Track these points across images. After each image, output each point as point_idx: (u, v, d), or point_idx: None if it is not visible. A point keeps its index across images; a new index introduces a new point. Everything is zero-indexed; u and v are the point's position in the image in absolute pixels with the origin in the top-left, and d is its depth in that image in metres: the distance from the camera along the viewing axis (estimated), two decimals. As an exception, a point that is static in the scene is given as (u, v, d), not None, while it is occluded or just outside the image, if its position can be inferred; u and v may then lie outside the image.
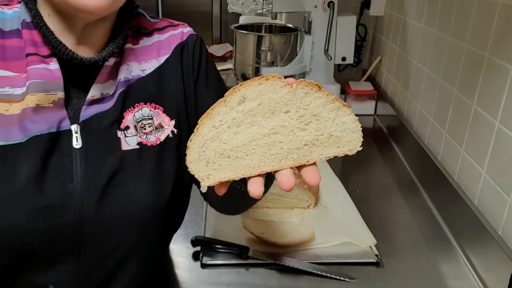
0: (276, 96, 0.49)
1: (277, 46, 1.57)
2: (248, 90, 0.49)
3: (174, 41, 0.72)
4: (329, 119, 0.51)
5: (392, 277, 0.87)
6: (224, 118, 0.49)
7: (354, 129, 0.52)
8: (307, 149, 0.50)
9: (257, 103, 0.49)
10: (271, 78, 0.49)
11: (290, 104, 0.50)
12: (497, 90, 0.88)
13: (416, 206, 1.11)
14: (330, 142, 0.51)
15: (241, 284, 0.84)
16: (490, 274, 0.84)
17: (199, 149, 0.49)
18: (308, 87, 0.51)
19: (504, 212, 0.84)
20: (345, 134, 0.52)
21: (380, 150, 1.41)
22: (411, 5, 1.42)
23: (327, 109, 0.51)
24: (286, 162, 0.50)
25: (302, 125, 0.50)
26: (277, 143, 0.49)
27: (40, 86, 0.60)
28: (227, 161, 0.49)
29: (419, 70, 1.32)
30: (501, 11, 0.89)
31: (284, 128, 0.50)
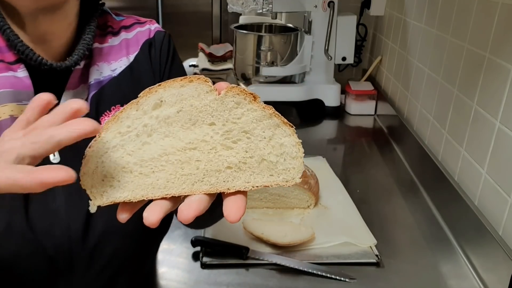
0: (199, 103, 0.40)
1: (277, 46, 1.57)
2: (167, 92, 0.40)
3: (142, 38, 0.69)
4: (263, 138, 0.41)
5: (392, 277, 0.86)
6: (133, 123, 0.40)
7: (295, 154, 0.41)
8: (230, 173, 0.40)
9: (176, 110, 0.40)
10: (195, 80, 0.40)
11: (216, 115, 0.40)
12: (497, 90, 0.88)
13: (416, 206, 1.11)
14: (261, 168, 0.41)
15: (241, 284, 0.83)
16: (491, 274, 0.84)
17: (97, 159, 0.40)
18: (240, 95, 0.40)
19: (504, 212, 0.84)
20: (282, 160, 0.41)
21: (380, 150, 1.41)
22: (411, 5, 1.42)
23: (262, 126, 0.41)
24: (200, 186, 0.40)
25: (228, 143, 0.41)
26: (193, 161, 0.40)
27: (11, 95, 0.55)
28: (128, 177, 0.40)
29: (420, 70, 1.32)
30: (502, 11, 0.88)
31: (204, 143, 0.40)
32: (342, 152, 1.42)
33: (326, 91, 1.65)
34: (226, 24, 2.17)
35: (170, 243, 0.93)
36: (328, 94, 1.65)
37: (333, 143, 1.50)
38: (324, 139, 1.52)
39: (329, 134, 1.57)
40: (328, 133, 1.58)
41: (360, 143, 1.47)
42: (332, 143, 1.50)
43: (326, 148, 1.44)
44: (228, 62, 1.88)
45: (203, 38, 2.09)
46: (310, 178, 1.03)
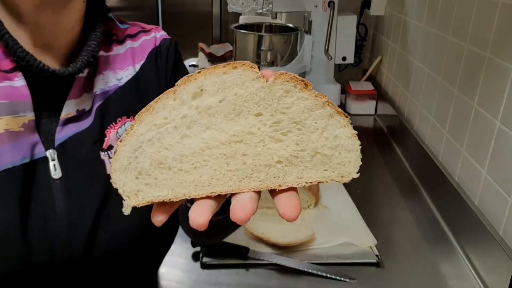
0: (245, 91, 0.36)
1: (277, 46, 1.57)
2: (208, 80, 0.36)
3: (148, 46, 0.66)
4: (315, 129, 0.37)
5: (393, 278, 0.86)
6: (171, 114, 0.36)
7: (351, 147, 0.38)
8: (281, 168, 0.36)
9: (218, 99, 0.36)
10: (240, 66, 0.36)
11: (263, 104, 0.36)
12: (497, 90, 0.88)
13: (416, 206, 1.11)
14: (314, 162, 0.37)
15: (241, 284, 0.83)
16: (491, 275, 0.84)
17: (130, 153, 0.36)
18: (290, 82, 0.36)
19: (504, 212, 0.84)
20: (337, 153, 0.38)
21: (381, 150, 1.41)
22: (411, 4, 1.42)
23: (314, 116, 0.37)
24: (248, 183, 0.36)
25: (278, 135, 0.37)
26: (239, 156, 0.36)
27: (7, 107, 0.51)
28: (167, 173, 0.36)
29: (420, 69, 1.32)
30: (502, 11, 0.88)
31: (251, 136, 0.36)
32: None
33: (326, 91, 1.65)
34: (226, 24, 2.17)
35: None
36: (328, 94, 1.61)
37: (333, 143, 1.50)
38: (324, 139, 1.52)
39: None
40: (328, 133, 1.58)
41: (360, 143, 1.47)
42: (332, 143, 1.50)
43: (326, 148, 1.44)
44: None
45: (203, 38, 2.09)
46: None
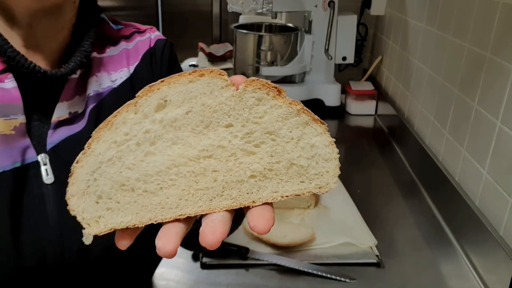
0: (213, 101, 0.34)
1: (277, 46, 1.57)
2: (172, 90, 0.33)
3: (142, 47, 0.65)
4: (290, 139, 0.35)
5: (393, 278, 0.86)
6: (132, 130, 0.33)
7: (328, 156, 0.36)
8: (255, 183, 0.34)
9: (184, 111, 0.33)
10: (207, 73, 0.33)
11: (234, 114, 0.34)
12: (498, 90, 0.88)
13: (416, 206, 1.10)
14: (290, 174, 0.35)
15: (240, 284, 0.83)
16: (491, 275, 0.84)
17: (89, 176, 0.33)
18: (262, 90, 0.34)
19: (505, 212, 0.84)
20: (314, 164, 0.35)
21: (381, 150, 1.41)
22: (412, 4, 1.41)
23: (288, 125, 0.35)
24: (219, 201, 0.34)
25: (250, 147, 0.34)
26: (209, 173, 0.34)
27: (1, 109, 0.49)
28: (130, 196, 0.33)
29: (420, 69, 1.32)
30: (502, 11, 0.88)
31: (221, 149, 0.34)
32: (343, 152, 1.41)
33: (326, 91, 1.65)
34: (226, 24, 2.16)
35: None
36: (328, 94, 1.65)
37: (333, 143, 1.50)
38: (324, 139, 1.52)
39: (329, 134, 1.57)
40: (328, 133, 1.58)
41: (360, 143, 1.47)
42: (332, 143, 1.50)
43: (326, 148, 1.44)
44: (228, 62, 1.87)
45: (203, 38, 2.09)
46: None
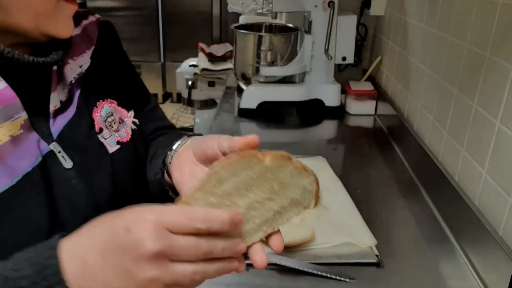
0: (251, 172, 0.48)
1: (277, 46, 1.57)
2: (224, 170, 0.47)
3: (92, 30, 0.68)
4: (293, 185, 0.51)
5: (393, 278, 0.86)
6: (200, 204, 0.46)
7: (312, 190, 0.53)
8: (275, 217, 0.50)
9: (232, 183, 0.47)
10: (247, 156, 0.48)
11: (262, 178, 0.48)
12: (497, 90, 0.88)
13: (416, 206, 1.11)
14: (291, 206, 0.52)
15: (241, 284, 0.83)
16: (491, 275, 0.84)
17: None
18: (280, 160, 0.50)
19: (504, 212, 0.84)
20: (305, 196, 0.53)
21: (381, 150, 1.41)
22: (411, 4, 1.42)
23: (292, 176, 0.51)
24: (258, 235, 0.50)
25: (272, 196, 0.49)
26: (251, 219, 0.48)
27: (3, 114, 0.50)
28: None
29: (420, 70, 1.32)
30: (502, 11, 0.88)
31: (258, 203, 0.49)
32: (342, 152, 1.42)
33: (326, 91, 1.65)
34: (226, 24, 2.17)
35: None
36: (328, 94, 1.65)
37: (333, 143, 1.50)
38: (324, 139, 1.52)
39: (329, 134, 1.57)
40: (328, 133, 1.58)
41: (360, 143, 1.47)
42: (332, 143, 1.50)
43: (326, 148, 1.44)
44: (228, 62, 1.88)
45: (203, 38, 2.09)
46: None
